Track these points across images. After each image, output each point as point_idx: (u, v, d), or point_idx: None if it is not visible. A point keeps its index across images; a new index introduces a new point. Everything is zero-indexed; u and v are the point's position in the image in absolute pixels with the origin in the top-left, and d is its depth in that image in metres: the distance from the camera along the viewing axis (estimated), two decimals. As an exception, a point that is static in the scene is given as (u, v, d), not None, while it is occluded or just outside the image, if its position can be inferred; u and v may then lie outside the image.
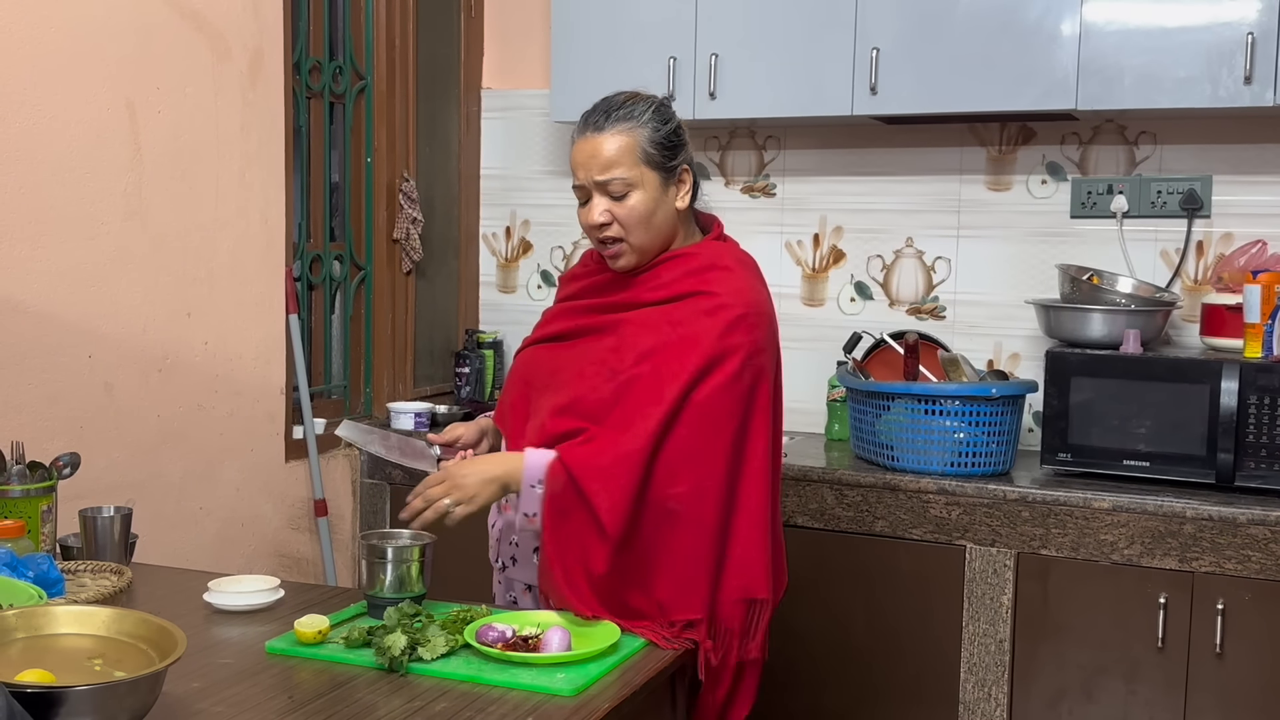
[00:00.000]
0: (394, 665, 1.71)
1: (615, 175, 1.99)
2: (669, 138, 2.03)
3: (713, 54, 3.24)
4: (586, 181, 2.01)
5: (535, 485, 1.92)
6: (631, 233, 2.01)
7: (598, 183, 2.00)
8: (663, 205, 2.02)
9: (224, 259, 2.95)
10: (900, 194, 3.44)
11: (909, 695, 2.94)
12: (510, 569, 2.13)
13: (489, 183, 3.95)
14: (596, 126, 2.01)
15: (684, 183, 2.05)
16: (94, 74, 2.57)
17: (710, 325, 1.95)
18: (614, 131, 2.00)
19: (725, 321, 1.96)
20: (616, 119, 2.00)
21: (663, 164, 2.02)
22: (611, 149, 1.99)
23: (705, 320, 1.96)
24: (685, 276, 2.02)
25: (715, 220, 2.17)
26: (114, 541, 2.11)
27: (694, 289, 2.00)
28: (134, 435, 2.71)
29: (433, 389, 3.83)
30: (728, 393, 1.94)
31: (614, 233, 2.02)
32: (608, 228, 2.01)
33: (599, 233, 2.02)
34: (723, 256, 2.07)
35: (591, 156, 2.00)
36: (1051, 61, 2.93)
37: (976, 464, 2.90)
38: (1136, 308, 2.96)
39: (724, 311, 1.97)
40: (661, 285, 2.03)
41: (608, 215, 2.00)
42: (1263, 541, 2.62)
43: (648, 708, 1.77)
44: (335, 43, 3.48)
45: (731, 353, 1.95)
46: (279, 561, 3.20)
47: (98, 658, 1.52)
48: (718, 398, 1.93)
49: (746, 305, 1.99)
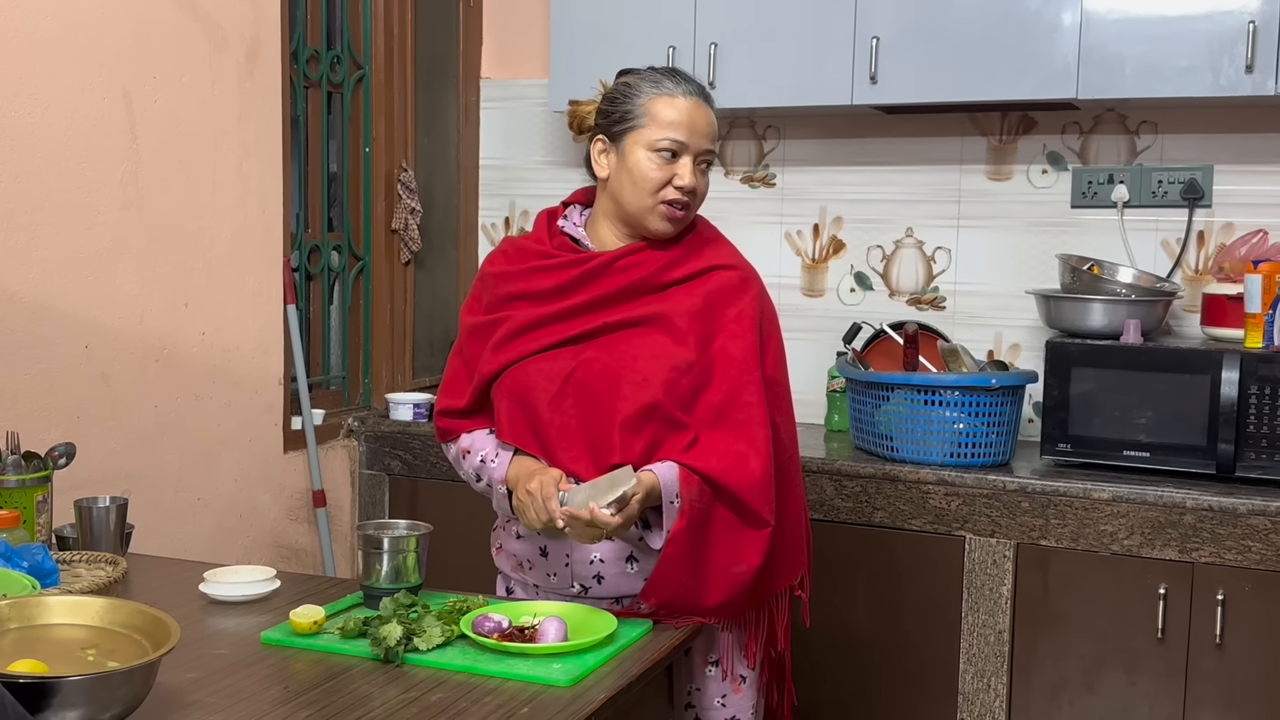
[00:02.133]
0: (389, 656, 1.70)
1: (713, 149, 2.05)
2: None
3: (712, 43, 3.23)
4: (691, 144, 2.00)
5: (674, 501, 1.90)
6: (695, 206, 2.06)
7: (702, 150, 2.02)
8: None
9: (221, 249, 2.94)
10: (900, 184, 3.43)
11: (908, 686, 2.94)
12: (595, 588, 2.00)
13: (488, 173, 3.94)
14: (705, 96, 2.05)
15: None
16: (90, 63, 2.56)
17: (749, 300, 2.03)
18: (713, 107, 2.06)
19: (756, 294, 2.05)
20: (709, 97, 2.06)
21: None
22: (714, 123, 2.05)
23: (743, 296, 2.03)
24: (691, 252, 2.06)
25: None
26: (109, 532, 2.10)
27: (711, 264, 2.05)
28: (131, 426, 2.70)
29: (432, 380, 3.82)
30: (782, 363, 2.08)
31: (689, 200, 2.03)
32: (689, 195, 2.02)
33: (680, 195, 2.00)
34: (703, 227, 2.13)
35: (707, 124, 2.03)
36: (1052, 51, 2.91)
37: (976, 454, 2.89)
38: (1137, 298, 2.95)
39: (750, 285, 2.06)
40: (673, 263, 2.03)
41: (694, 182, 2.02)
42: (1263, 532, 2.61)
43: (644, 698, 1.76)
44: (333, 32, 3.47)
45: (773, 326, 2.08)
46: (277, 552, 3.19)
47: (91, 648, 1.51)
48: (779, 369, 2.06)
49: (757, 276, 2.10)
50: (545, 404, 1.97)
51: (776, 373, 2.05)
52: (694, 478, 1.90)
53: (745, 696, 2.08)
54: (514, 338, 2.03)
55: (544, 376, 1.98)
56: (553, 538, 1.95)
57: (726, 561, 1.92)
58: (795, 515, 2.06)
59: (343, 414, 3.51)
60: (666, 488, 1.88)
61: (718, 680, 2.05)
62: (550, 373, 1.98)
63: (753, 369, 1.98)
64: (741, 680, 2.07)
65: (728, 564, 1.92)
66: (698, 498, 1.89)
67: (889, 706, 2.97)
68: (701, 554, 1.90)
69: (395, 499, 3.46)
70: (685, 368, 1.95)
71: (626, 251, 2.03)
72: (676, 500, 1.88)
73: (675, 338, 1.97)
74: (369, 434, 3.47)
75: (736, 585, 1.93)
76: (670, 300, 2.00)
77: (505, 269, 2.09)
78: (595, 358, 1.98)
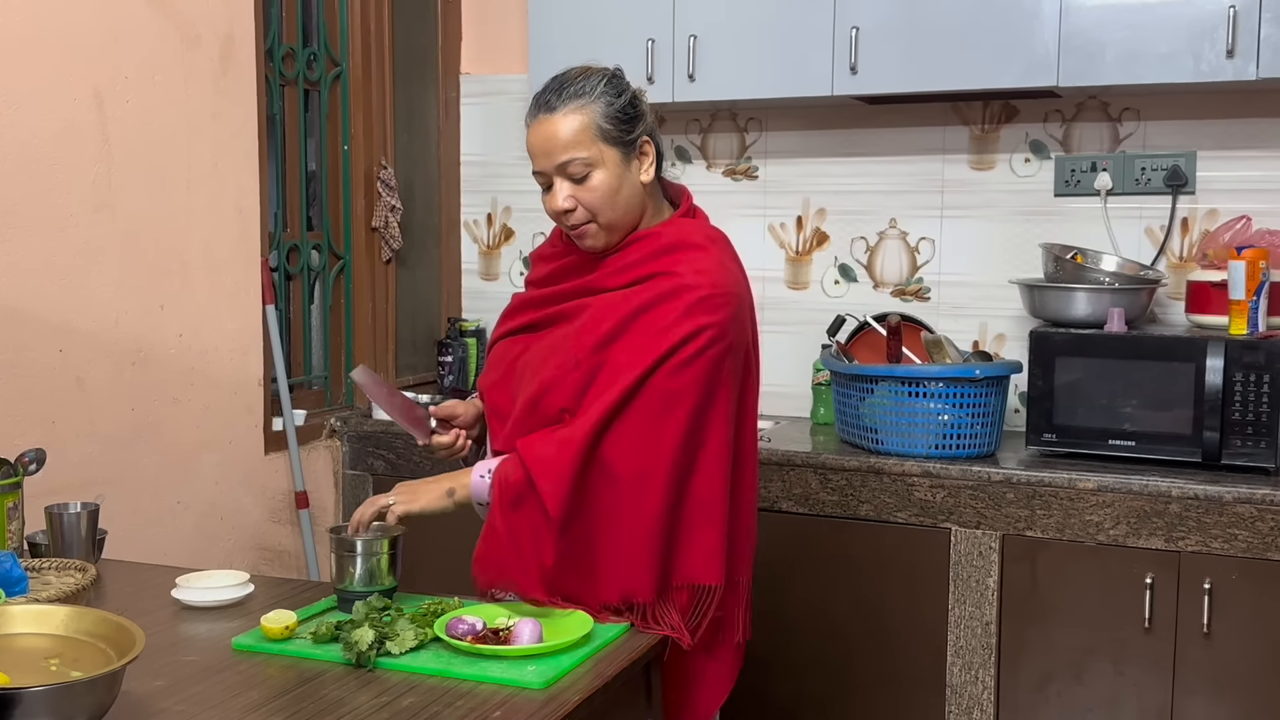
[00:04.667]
0: (361, 660, 1.68)
1: (574, 156, 1.92)
2: (624, 110, 1.95)
3: (691, 35, 3.20)
4: (547, 168, 1.95)
5: (484, 475, 1.92)
6: (600, 213, 1.95)
7: (558, 166, 1.93)
8: (627, 181, 1.95)
9: (197, 250, 2.91)
10: (883, 175, 3.41)
11: (895, 679, 2.92)
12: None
13: (469, 169, 3.91)
14: (549, 107, 1.94)
15: (646, 155, 1.98)
16: (60, 63, 2.53)
17: (671, 308, 1.89)
18: (567, 111, 1.93)
19: (687, 303, 1.89)
20: (568, 97, 1.93)
21: (621, 139, 1.94)
22: (567, 130, 1.92)
23: (667, 303, 1.90)
24: (649, 258, 1.96)
25: (684, 191, 2.10)
26: (81, 538, 2.07)
27: (656, 270, 1.94)
28: (107, 430, 2.67)
29: (415, 378, 3.80)
30: (684, 375, 1.88)
31: (580, 217, 1.96)
32: (573, 213, 1.95)
33: (565, 219, 1.97)
34: (691, 234, 2.00)
35: (547, 140, 1.93)
36: (1033, 38, 2.89)
37: (961, 446, 2.87)
38: (1121, 286, 2.93)
39: (686, 293, 1.90)
40: (626, 268, 1.97)
41: (571, 200, 1.94)
42: (1249, 520, 2.60)
43: (620, 699, 1.74)
44: (309, 29, 3.44)
45: (692, 335, 1.88)
46: (260, 555, 3.17)
47: (55, 657, 1.49)
48: (674, 381, 1.88)
49: (712, 285, 1.91)
50: (493, 383, 2.09)
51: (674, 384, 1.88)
52: (512, 459, 1.91)
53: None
54: (505, 317, 2.15)
55: (495, 360, 2.12)
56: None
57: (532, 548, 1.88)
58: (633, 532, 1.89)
59: (325, 414, 3.49)
60: (478, 466, 1.96)
61: None
62: (499, 357, 2.11)
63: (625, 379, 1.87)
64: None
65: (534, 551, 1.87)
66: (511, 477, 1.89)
67: (877, 700, 2.95)
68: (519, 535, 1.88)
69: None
70: (571, 365, 1.93)
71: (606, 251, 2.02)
72: (487, 475, 1.92)
73: (582, 336, 1.95)
74: (352, 434, 3.45)
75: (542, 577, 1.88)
76: (600, 302, 1.97)
77: (539, 253, 2.20)
78: (527, 348, 2.05)
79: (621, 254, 2.00)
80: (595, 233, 1.98)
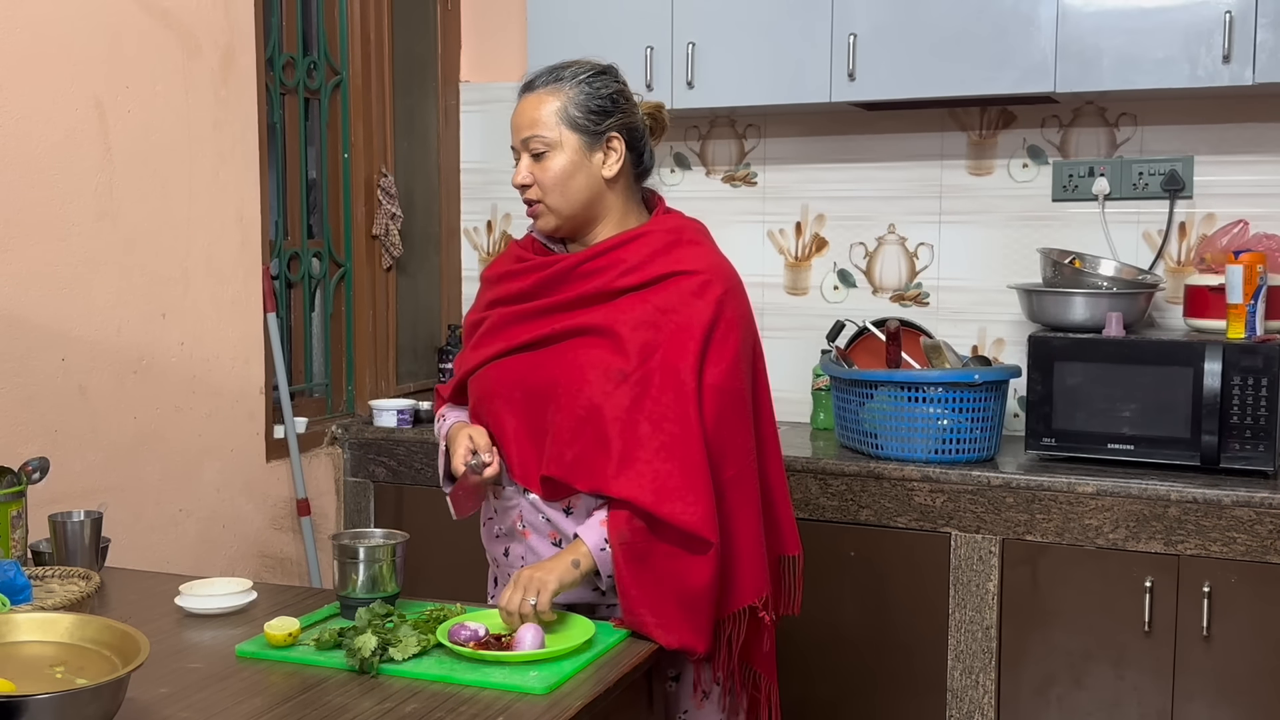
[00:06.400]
0: (364, 667, 1.69)
1: (536, 134, 1.97)
2: (599, 102, 1.98)
3: (689, 43, 3.21)
4: (515, 143, 2.01)
5: (604, 548, 1.88)
6: (548, 194, 1.99)
7: (523, 141, 1.99)
8: (584, 170, 1.98)
9: (199, 258, 2.92)
10: (882, 180, 3.42)
11: (896, 684, 2.93)
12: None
13: (469, 176, 3.92)
14: (530, 86, 2.01)
15: (613, 150, 1.99)
16: (61, 73, 2.54)
17: (702, 307, 1.94)
18: (543, 92, 1.99)
19: (714, 299, 1.95)
20: (549, 80, 1.99)
21: (587, 128, 1.97)
22: (536, 109, 1.98)
23: (696, 302, 1.94)
24: (656, 256, 1.98)
25: (657, 195, 2.14)
26: (84, 546, 2.08)
27: (671, 269, 1.97)
28: (110, 438, 2.68)
29: (416, 385, 3.80)
30: (736, 370, 1.95)
31: (533, 195, 2.00)
32: (528, 189, 2.00)
33: (522, 193, 2.02)
34: (684, 230, 2.05)
35: (519, 115, 2.00)
36: (1030, 44, 2.90)
37: (960, 451, 2.88)
38: (1119, 290, 2.94)
39: (710, 289, 1.95)
40: (633, 269, 1.97)
41: (529, 176, 1.99)
42: (1248, 523, 2.60)
43: (622, 704, 1.75)
44: (309, 38, 3.46)
45: (729, 331, 1.95)
46: (262, 562, 3.18)
47: (59, 665, 1.50)
48: (730, 378, 1.94)
49: (726, 279, 1.99)
50: (500, 409, 2.01)
51: (731, 382, 1.94)
52: (620, 514, 1.87)
53: (708, 712, 2.03)
54: (487, 339, 2.07)
55: (501, 382, 2.02)
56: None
57: (674, 586, 1.87)
58: (748, 532, 1.96)
59: (326, 421, 3.50)
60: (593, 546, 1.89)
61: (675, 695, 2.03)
62: (506, 378, 2.02)
63: (688, 381, 1.89)
64: (704, 696, 2.02)
65: (676, 589, 1.87)
66: (628, 536, 1.86)
67: (878, 705, 2.95)
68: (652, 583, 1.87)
69: (380, 506, 3.45)
70: (620, 379, 1.90)
71: (591, 254, 2.01)
72: (607, 547, 1.88)
73: (615, 348, 1.93)
74: (353, 441, 3.46)
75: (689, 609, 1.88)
76: (619, 308, 1.95)
77: (495, 272, 2.15)
78: (543, 365, 1.98)
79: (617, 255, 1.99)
80: (544, 213, 2.02)
